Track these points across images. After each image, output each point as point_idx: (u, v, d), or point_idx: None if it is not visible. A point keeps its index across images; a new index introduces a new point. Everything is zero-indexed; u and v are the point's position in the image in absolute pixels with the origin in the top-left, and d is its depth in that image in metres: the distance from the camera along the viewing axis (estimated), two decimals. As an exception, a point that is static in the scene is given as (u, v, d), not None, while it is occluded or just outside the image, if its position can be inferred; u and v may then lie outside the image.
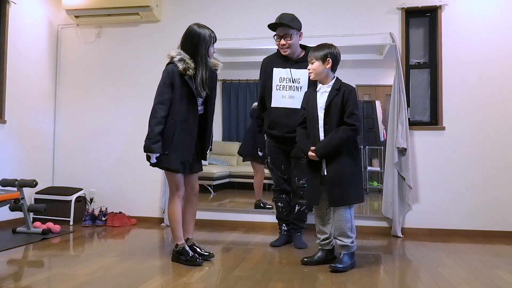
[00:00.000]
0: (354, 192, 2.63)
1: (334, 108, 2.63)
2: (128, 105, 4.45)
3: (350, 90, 2.65)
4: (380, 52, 4.08)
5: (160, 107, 2.62)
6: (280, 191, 3.31)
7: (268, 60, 3.33)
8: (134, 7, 4.20)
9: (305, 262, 2.72)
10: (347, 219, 2.62)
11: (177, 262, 2.70)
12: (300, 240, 3.27)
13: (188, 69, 2.63)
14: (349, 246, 2.61)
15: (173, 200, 2.74)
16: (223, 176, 4.64)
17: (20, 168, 4.11)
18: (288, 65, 3.21)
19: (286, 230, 3.34)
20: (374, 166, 4.25)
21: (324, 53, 2.68)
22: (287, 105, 3.15)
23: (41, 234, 3.52)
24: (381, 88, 4.23)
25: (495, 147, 3.78)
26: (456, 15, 3.89)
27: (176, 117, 2.64)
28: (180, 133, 2.65)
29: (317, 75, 2.72)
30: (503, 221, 3.73)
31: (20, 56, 4.12)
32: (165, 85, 2.65)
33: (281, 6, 4.18)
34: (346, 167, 2.60)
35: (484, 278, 2.47)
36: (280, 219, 3.37)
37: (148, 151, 2.60)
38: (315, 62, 2.69)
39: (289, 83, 3.18)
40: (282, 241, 3.30)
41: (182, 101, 2.66)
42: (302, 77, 3.15)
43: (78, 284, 2.25)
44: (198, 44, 2.67)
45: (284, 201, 3.31)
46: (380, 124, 4.24)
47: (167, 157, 2.63)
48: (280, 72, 3.21)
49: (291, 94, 3.16)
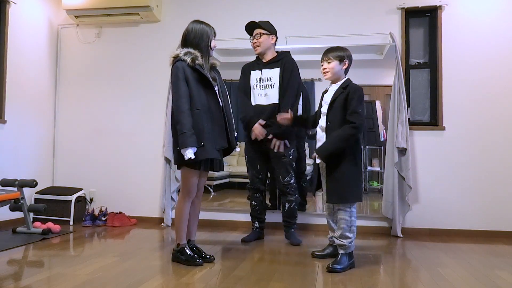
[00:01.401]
0: (352, 191, 2.63)
1: (337, 106, 2.67)
2: (128, 105, 4.45)
3: (355, 89, 2.67)
4: (380, 52, 4.08)
5: (182, 101, 2.58)
6: (254, 189, 3.47)
7: (247, 66, 3.56)
8: (134, 7, 4.20)
9: (316, 255, 2.89)
10: (347, 219, 2.63)
11: (177, 262, 2.70)
12: (295, 236, 3.40)
13: (196, 58, 2.63)
14: (346, 246, 2.62)
15: (184, 200, 2.72)
16: (223, 176, 4.64)
17: (20, 168, 4.11)
18: (261, 67, 3.44)
19: (258, 227, 3.52)
20: (374, 166, 4.24)
21: (342, 54, 2.76)
22: (262, 102, 3.36)
23: (41, 234, 3.52)
24: (381, 88, 4.22)
25: (495, 147, 3.78)
26: (456, 15, 3.89)
27: (200, 107, 2.61)
28: (208, 122, 2.63)
29: (333, 74, 2.76)
30: (503, 221, 3.73)
31: (20, 56, 4.13)
32: (179, 80, 2.60)
33: (281, 6, 4.20)
34: (345, 166, 2.61)
35: (484, 278, 2.47)
36: (254, 216, 3.53)
37: (186, 146, 2.51)
38: (332, 61, 2.74)
39: (262, 82, 3.40)
40: (253, 237, 3.47)
41: (200, 91, 2.64)
42: (274, 75, 3.37)
43: (78, 284, 2.25)
44: (201, 38, 2.70)
45: (258, 200, 3.48)
46: (380, 124, 4.23)
47: (204, 148, 2.57)
48: (255, 73, 3.45)
49: (265, 92, 3.37)
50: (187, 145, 2.50)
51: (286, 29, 4.04)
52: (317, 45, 3.87)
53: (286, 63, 3.35)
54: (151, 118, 4.35)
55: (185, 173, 2.69)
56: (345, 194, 2.63)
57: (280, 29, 3.80)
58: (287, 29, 4.07)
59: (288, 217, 3.42)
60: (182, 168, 2.69)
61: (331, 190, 2.65)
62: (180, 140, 2.52)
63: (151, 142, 4.35)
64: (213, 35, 2.76)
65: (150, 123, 4.35)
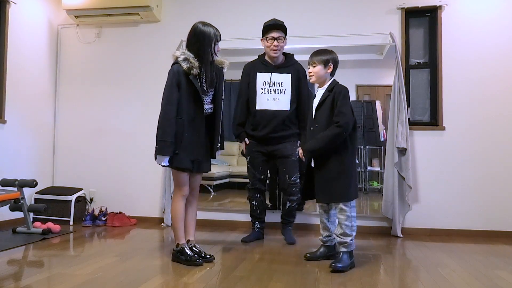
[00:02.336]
0: (339, 190, 2.63)
1: (324, 108, 2.71)
2: (128, 105, 4.45)
3: (340, 90, 2.69)
4: (380, 52, 4.08)
5: (170, 108, 2.63)
6: (255, 190, 3.47)
7: (250, 66, 3.49)
8: (134, 7, 4.20)
9: (308, 257, 2.83)
10: (347, 217, 2.64)
11: (177, 262, 2.70)
12: (291, 235, 3.44)
13: (192, 68, 2.63)
14: (347, 243, 2.62)
15: (177, 198, 2.75)
16: (223, 176, 4.64)
17: (20, 168, 4.11)
18: (271, 70, 3.40)
19: (259, 228, 3.51)
20: (374, 166, 4.25)
21: (326, 58, 2.76)
22: (271, 107, 3.34)
23: (41, 234, 3.52)
24: (381, 88, 4.22)
25: (495, 147, 3.78)
26: (456, 15, 3.89)
27: (184, 116, 2.66)
28: (188, 132, 2.67)
29: (318, 78, 2.80)
30: (503, 221, 3.73)
31: (20, 56, 4.13)
32: (172, 85, 2.64)
33: (281, 7, 4.19)
34: (331, 165, 2.64)
35: (484, 278, 2.47)
36: (254, 216, 3.53)
37: (161, 154, 2.60)
38: (317, 65, 2.76)
39: (272, 86, 3.36)
40: (253, 237, 3.46)
41: (189, 101, 2.67)
42: (285, 81, 3.36)
43: (78, 284, 2.25)
44: (203, 42, 2.68)
45: (258, 200, 3.48)
46: (380, 124, 4.24)
47: (177, 156, 2.64)
48: (263, 76, 3.39)
49: (275, 97, 3.35)
50: (163, 154, 2.60)
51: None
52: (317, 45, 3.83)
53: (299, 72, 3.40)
54: (151, 118, 4.33)
55: (174, 173, 2.77)
56: (333, 193, 2.65)
57: (280, 29, 3.79)
58: (287, 29, 4.06)
59: (287, 215, 3.47)
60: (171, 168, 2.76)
61: (319, 190, 2.70)
62: (158, 146, 2.61)
63: (151, 142, 4.28)
64: (217, 39, 2.73)
65: (150, 123, 4.34)
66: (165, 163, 2.64)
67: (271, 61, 3.41)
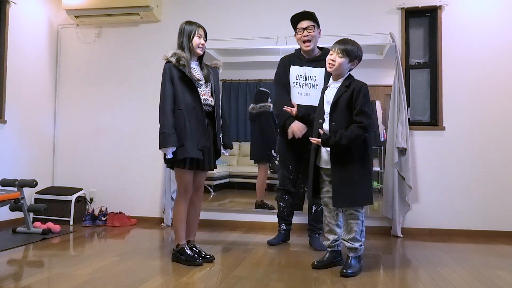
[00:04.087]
0: (361, 194, 2.49)
1: (342, 105, 2.51)
2: (128, 105, 4.45)
3: (360, 87, 2.49)
4: (380, 52, 4.08)
5: (165, 101, 2.68)
6: (284, 191, 3.31)
7: (286, 59, 3.33)
8: (134, 7, 4.20)
9: (316, 266, 2.63)
10: (359, 222, 2.52)
11: (177, 262, 2.70)
12: (319, 242, 3.23)
13: (180, 58, 2.70)
14: (357, 249, 2.53)
15: (180, 201, 2.74)
16: (223, 176, 4.64)
17: (20, 168, 4.11)
18: (304, 63, 3.21)
19: (285, 230, 3.38)
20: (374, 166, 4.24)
21: (357, 54, 2.56)
22: (302, 102, 3.11)
23: (41, 234, 3.52)
24: (381, 88, 4.22)
25: (495, 147, 3.78)
26: (456, 15, 3.89)
27: (183, 107, 2.67)
28: (191, 121, 2.66)
29: (337, 70, 2.57)
30: (503, 221, 3.73)
31: (20, 56, 4.12)
32: (165, 82, 2.72)
33: (281, 7, 4.19)
34: (352, 167, 2.48)
35: (484, 278, 2.47)
36: (281, 218, 3.40)
37: (165, 146, 2.59)
38: (343, 57, 2.53)
39: (304, 80, 3.18)
40: (279, 239, 3.35)
41: (184, 91, 2.70)
42: (318, 75, 3.16)
43: (78, 284, 2.25)
44: (184, 36, 2.77)
45: (287, 202, 3.33)
46: (380, 124, 4.23)
47: (184, 148, 2.61)
48: (296, 69, 3.22)
49: (306, 91, 3.16)
50: (165, 145, 2.60)
51: (286, 29, 4.01)
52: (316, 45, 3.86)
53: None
54: (151, 118, 4.33)
55: (177, 172, 2.75)
56: (355, 197, 2.48)
57: (280, 29, 3.81)
58: (287, 29, 4.04)
59: (314, 220, 3.28)
60: (175, 168, 2.74)
61: (339, 193, 2.49)
62: (160, 140, 2.63)
63: (151, 142, 4.33)
64: (197, 33, 2.76)
65: (150, 123, 4.34)
66: (169, 156, 2.60)
67: (305, 54, 3.23)
